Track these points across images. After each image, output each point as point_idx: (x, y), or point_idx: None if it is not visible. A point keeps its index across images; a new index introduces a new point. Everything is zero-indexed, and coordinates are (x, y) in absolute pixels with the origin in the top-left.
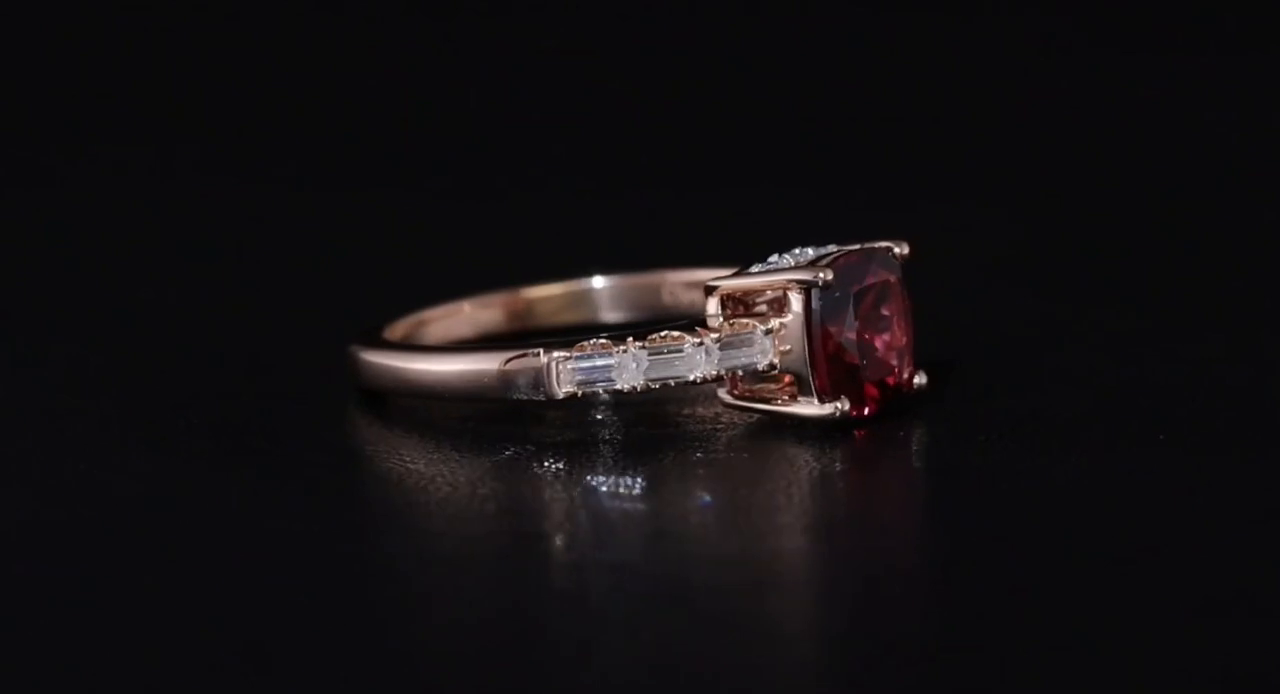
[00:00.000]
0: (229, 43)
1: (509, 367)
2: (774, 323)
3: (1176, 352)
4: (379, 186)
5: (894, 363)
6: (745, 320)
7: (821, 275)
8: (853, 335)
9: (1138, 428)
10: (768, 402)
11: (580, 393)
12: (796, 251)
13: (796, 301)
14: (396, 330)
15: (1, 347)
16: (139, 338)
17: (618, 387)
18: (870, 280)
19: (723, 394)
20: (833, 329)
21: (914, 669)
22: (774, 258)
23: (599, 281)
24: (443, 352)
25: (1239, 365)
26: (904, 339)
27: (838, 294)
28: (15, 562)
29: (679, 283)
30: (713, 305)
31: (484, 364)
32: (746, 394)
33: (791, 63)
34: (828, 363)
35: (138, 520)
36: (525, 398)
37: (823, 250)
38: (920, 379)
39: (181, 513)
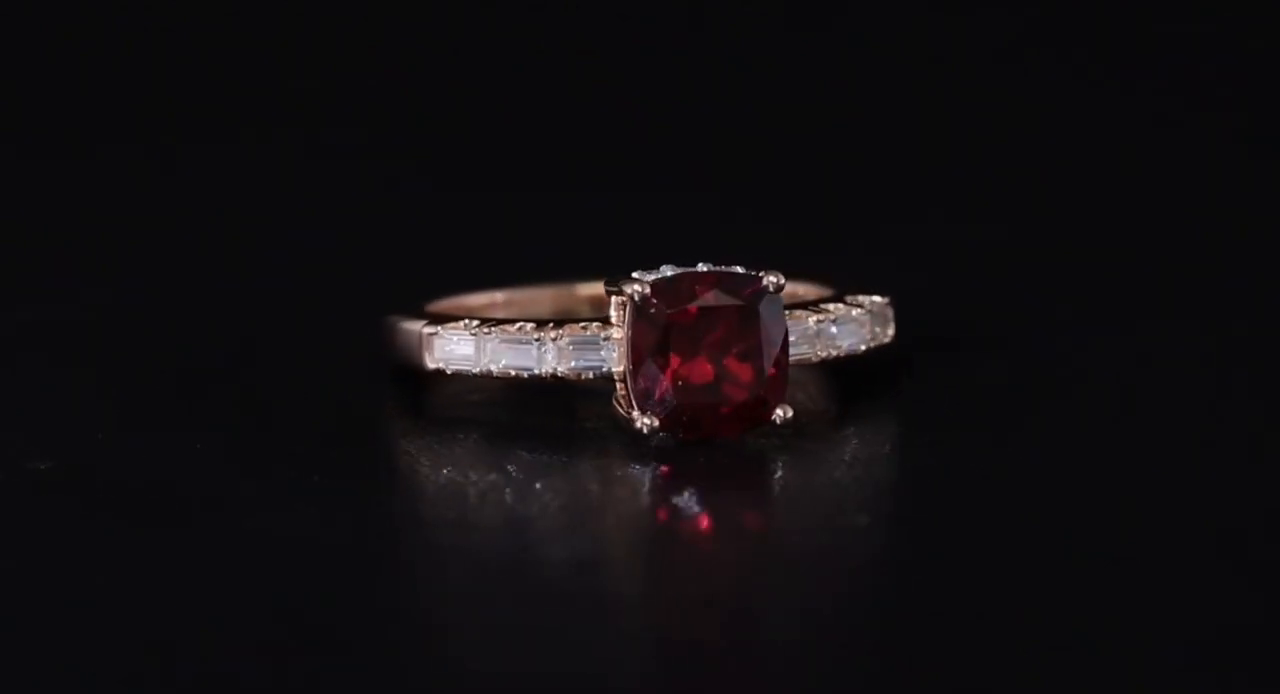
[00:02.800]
0: (273, 31)
1: (404, 329)
2: (614, 332)
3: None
4: (420, 182)
5: (734, 390)
6: (600, 325)
7: (636, 289)
8: (664, 354)
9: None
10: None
11: (449, 370)
12: (698, 267)
13: (628, 314)
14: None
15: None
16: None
17: (475, 370)
18: (707, 304)
19: (615, 397)
20: (646, 345)
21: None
22: (665, 268)
23: None
24: (410, 317)
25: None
26: (753, 369)
27: (653, 312)
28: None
29: None
30: (614, 306)
31: (415, 328)
32: (622, 398)
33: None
34: (637, 378)
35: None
36: (416, 366)
37: (696, 269)
38: (783, 412)
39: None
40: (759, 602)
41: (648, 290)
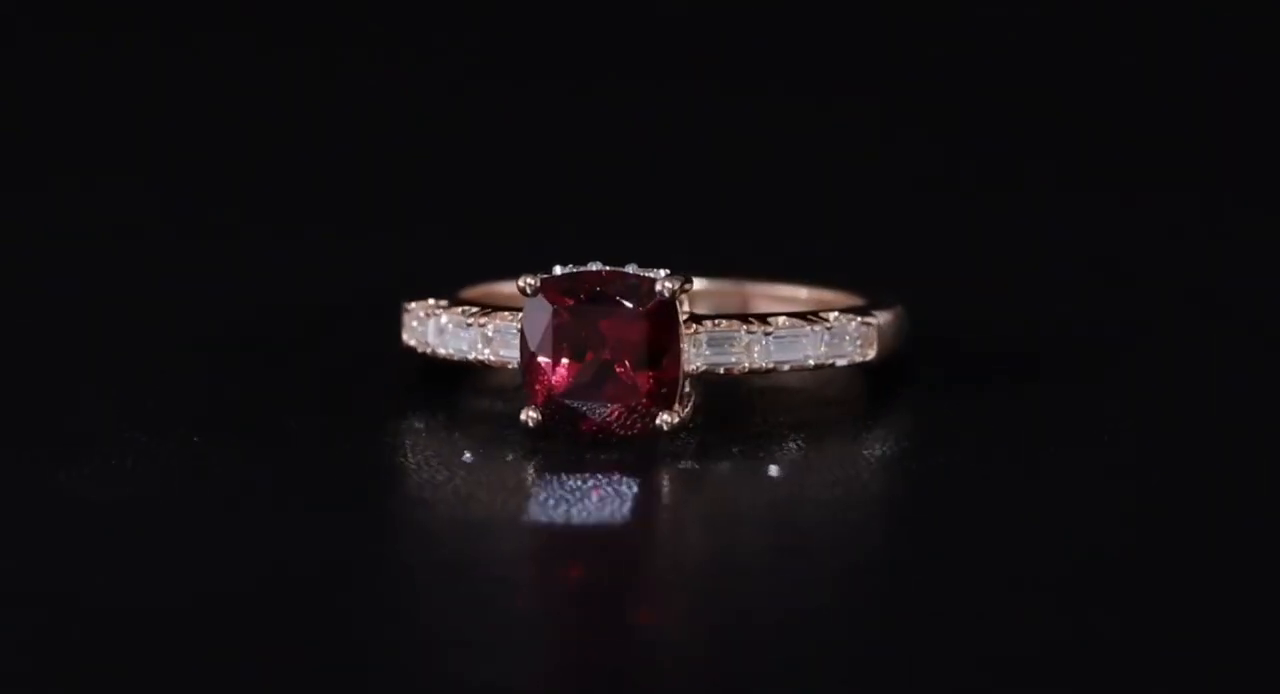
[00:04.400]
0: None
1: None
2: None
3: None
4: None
5: (614, 391)
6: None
7: (529, 282)
8: (549, 349)
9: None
10: None
11: (419, 350)
12: (626, 267)
13: (525, 307)
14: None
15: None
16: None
17: (428, 351)
18: (593, 304)
19: None
20: (534, 339)
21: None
22: (592, 264)
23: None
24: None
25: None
26: (635, 372)
27: (539, 308)
28: None
29: (760, 295)
30: None
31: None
32: None
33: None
34: (525, 371)
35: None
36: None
37: (608, 269)
38: (668, 418)
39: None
40: (757, 602)
41: (538, 284)
